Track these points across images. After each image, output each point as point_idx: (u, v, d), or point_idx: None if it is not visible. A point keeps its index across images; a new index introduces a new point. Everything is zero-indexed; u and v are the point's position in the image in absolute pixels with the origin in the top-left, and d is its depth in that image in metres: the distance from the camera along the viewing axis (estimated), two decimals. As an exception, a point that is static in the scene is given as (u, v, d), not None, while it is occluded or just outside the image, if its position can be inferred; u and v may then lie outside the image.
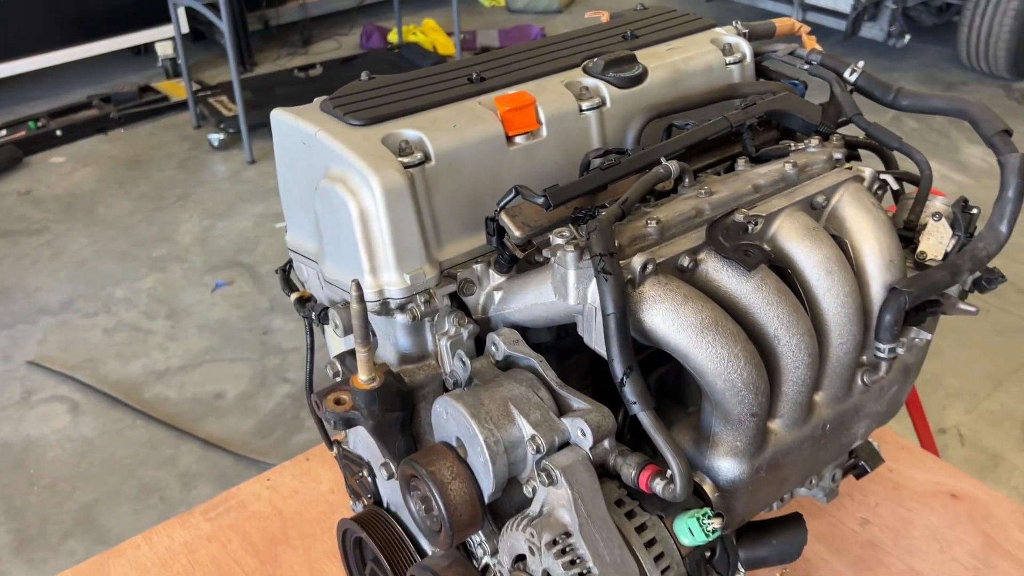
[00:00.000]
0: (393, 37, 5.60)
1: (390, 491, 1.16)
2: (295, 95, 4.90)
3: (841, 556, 1.55)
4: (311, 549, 1.58)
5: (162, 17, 5.11)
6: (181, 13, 4.86)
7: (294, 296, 1.19)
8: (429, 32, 5.63)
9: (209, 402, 2.97)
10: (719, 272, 0.90)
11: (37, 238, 3.91)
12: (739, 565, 1.04)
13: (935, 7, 5.22)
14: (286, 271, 1.23)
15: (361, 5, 6.03)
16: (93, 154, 4.58)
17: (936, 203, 1.08)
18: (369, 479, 1.21)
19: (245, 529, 1.62)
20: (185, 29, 5.00)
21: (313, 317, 1.10)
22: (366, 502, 1.24)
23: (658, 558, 0.87)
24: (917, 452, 1.77)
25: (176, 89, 5.06)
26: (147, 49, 5.56)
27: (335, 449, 1.27)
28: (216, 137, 4.50)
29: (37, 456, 2.77)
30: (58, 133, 4.63)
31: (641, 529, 0.88)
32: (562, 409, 0.92)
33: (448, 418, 0.92)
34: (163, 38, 5.17)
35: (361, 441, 1.20)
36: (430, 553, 1.08)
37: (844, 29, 4.90)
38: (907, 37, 5.01)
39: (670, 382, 1.11)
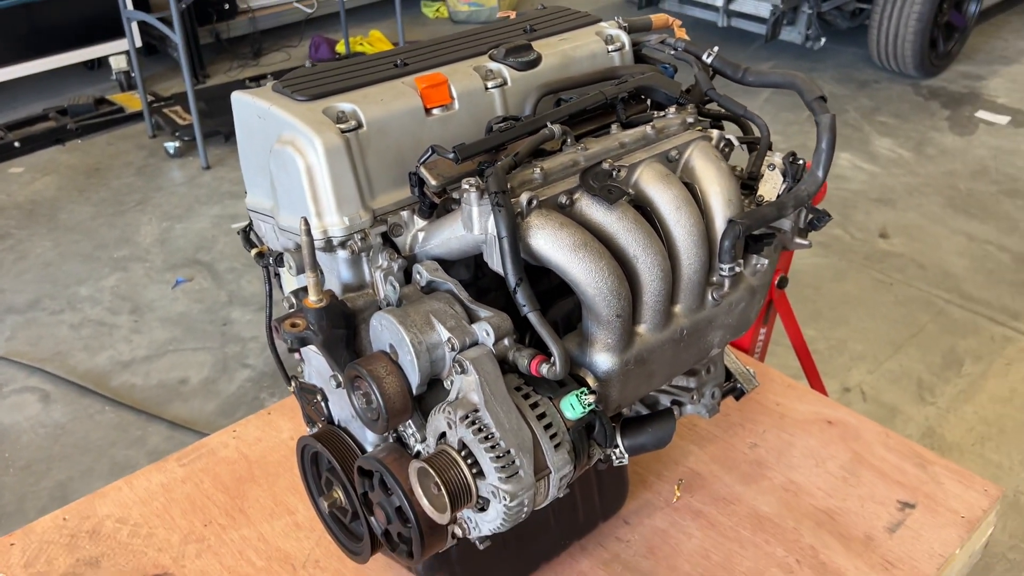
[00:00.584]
0: (341, 48, 5.82)
1: (339, 408, 1.39)
2: (248, 104, 5.09)
3: (732, 473, 1.82)
4: (275, 485, 1.80)
5: (115, 32, 5.29)
6: (134, 27, 5.03)
7: (254, 251, 1.42)
8: (375, 43, 5.86)
9: (174, 387, 3.16)
10: (590, 207, 1.16)
11: (0, 243, 4.06)
12: (624, 451, 1.29)
13: (848, 12, 5.61)
14: (247, 232, 1.46)
15: (309, 18, 6.25)
16: (52, 164, 4.74)
17: (773, 157, 1.35)
18: (322, 404, 1.44)
19: (215, 471, 1.84)
20: (138, 43, 5.17)
21: (271, 262, 1.33)
22: (320, 424, 1.47)
23: (547, 427, 1.11)
24: (801, 389, 2.05)
25: (131, 101, 5.23)
26: (100, 63, 5.71)
27: (293, 383, 1.51)
28: (172, 145, 4.69)
29: (11, 441, 2.94)
30: (16, 144, 4.77)
31: (534, 406, 1.12)
32: (472, 320, 1.16)
33: (382, 329, 1.16)
34: (117, 52, 5.33)
35: (314, 371, 1.43)
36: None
37: (764, 33, 5.25)
38: (823, 40, 5.38)
39: (573, 319, 1.36)
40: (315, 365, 1.41)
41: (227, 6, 5.78)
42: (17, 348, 3.37)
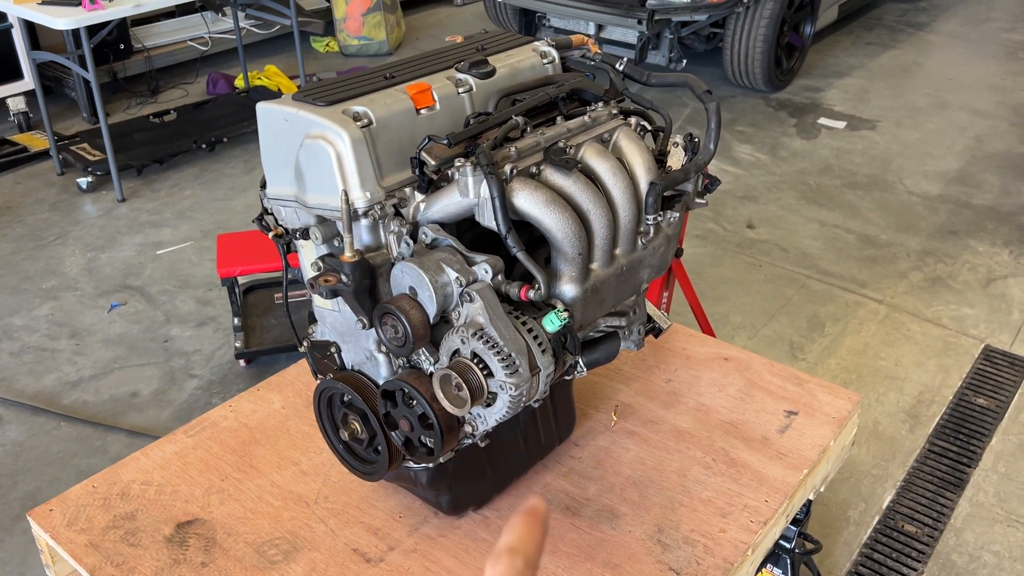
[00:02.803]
0: (240, 83, 6.04)
1: (353, 354, 1.72)
2: (154, 139, 5.27)
3: (654, 401, 2.24)
4: (276, 444, 2.09)
5: (10, 74, 5.35)
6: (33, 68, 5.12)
7: (272, 234, 1.75)
8: (272, 77, 6.12)
9: (126, 400, 3.34)
10: (553, 175, 1.55)
11: (-81, 283, 4.09)
12: (584, 365, 1.69)
13: (704, 36, 6.29)
14: (261, 220, 1.78)
15: (203, 55, 6.44)
16: (-40, 204, 4.77)
17: (675, 137, 1.78)
18: (335, 355, 1.76)
19: (221, 439, 2.11)
20: (36, 84, 5.26)
21: (297, 236, 1.66)
22: (331, 375, 1.79)
23: (535, 337, 1.49)
24: (700, 336, 2.50)
25: (32, 140, 5.29)
26: (-9, 106, 5.73)
27: (304, 343, 1.82)
28: (85, 180, 4.80)
29: (-29, 462, 3.05)
30: (-83, 188, 4.77)
31: (524, 324, 1.50)
32: (470, 265, 1.53)
33: (403, 275, 1.51)
34: (14, 93, 5.38)
35: (328, 327, 1.75)
36: (389, 382, 1.65)
37: (632, 57, 5.84)
38: (684, 61, 6.02)
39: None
40: (330, 323, 1.74)
41: (122, 46, 5.91)
42: (-42, 378, 3.45)
